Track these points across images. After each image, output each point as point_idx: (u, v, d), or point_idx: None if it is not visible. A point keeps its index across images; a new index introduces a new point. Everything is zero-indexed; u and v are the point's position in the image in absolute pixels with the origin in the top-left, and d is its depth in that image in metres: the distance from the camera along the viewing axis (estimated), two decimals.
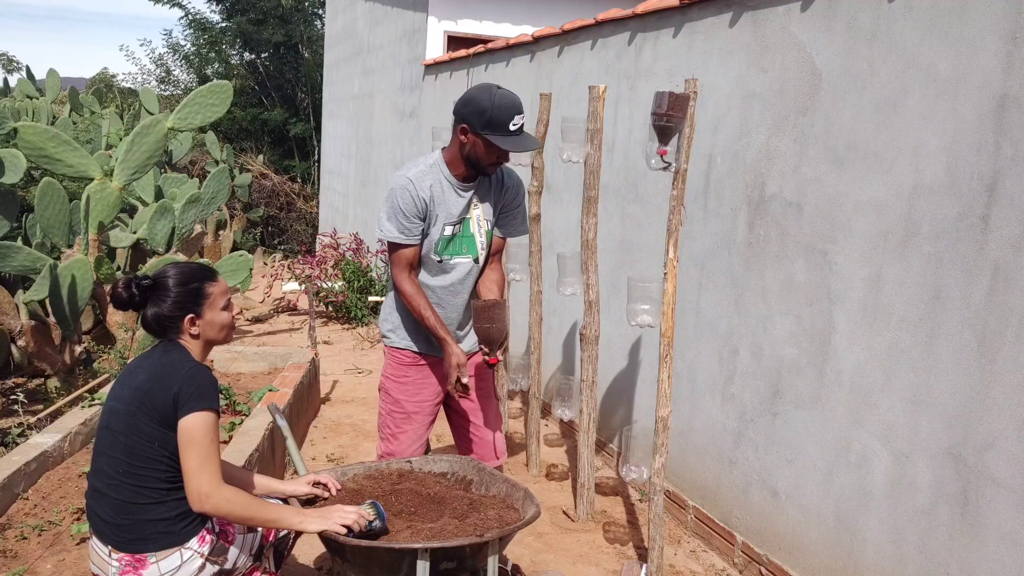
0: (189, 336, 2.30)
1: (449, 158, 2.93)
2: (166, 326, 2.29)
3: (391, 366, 3.15)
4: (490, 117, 2.78)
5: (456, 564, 2.37)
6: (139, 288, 2.27)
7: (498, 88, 2.84)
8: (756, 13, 3.43)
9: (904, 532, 2.73)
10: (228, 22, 16.66)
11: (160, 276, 2.30)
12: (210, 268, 2.38)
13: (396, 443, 3.13)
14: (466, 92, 2.90)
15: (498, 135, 2.80)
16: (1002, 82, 2.41)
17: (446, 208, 2.94)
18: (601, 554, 3.58)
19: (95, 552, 2.25)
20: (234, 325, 2.42)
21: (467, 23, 8.02)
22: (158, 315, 2.27)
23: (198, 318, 2.29)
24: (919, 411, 2.68)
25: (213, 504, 2.15)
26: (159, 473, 2.20)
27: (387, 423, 3.16)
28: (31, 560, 3.05)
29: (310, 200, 14.55)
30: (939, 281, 2.60)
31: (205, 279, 2.32)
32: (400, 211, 2.88)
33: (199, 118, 6.14)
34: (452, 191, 2.94)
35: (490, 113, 2.77)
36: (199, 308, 2.29)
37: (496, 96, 2.80)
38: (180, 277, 2.29)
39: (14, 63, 21.68)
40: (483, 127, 2.79)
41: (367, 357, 6.92)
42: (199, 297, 2.29)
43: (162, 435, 2.18)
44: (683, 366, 3.86)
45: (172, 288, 2.27)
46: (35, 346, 5.45)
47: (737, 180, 3.55)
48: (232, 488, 2.22)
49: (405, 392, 3.11)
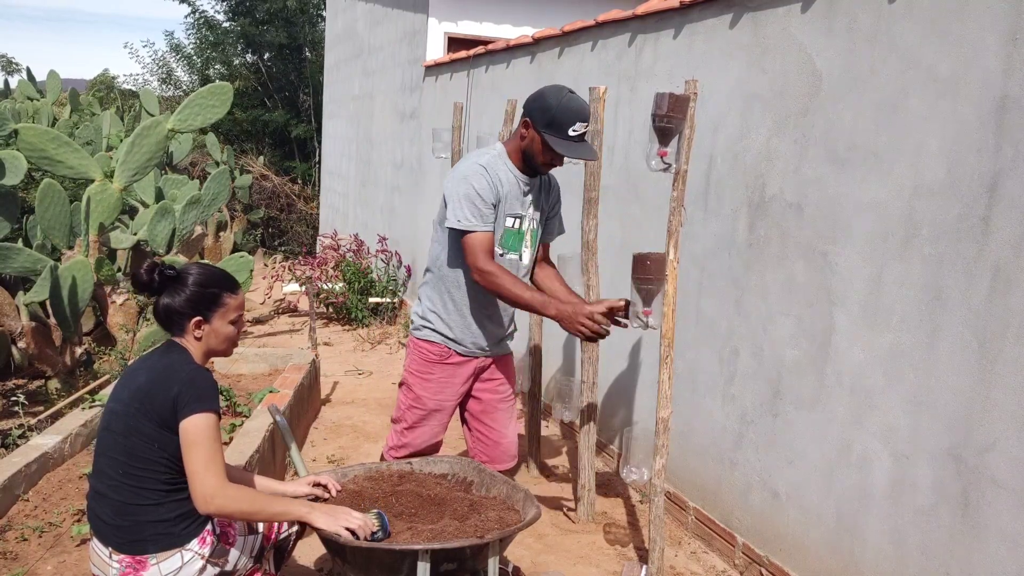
0: (192, 338, 2.29)
1: (510, 150, 2.95)
2: (173, 320, 2.28)
3: (416, 361, 3.08)
4: (552, 117, 2.78)
5: (457, 565, 2.36)
6: (161, 275, 2.27)
7: (570, 92, 2.84)
8: (756, 14, 3.43)
9: (905, 533, 2.72)
10: (232, 22, 16.67)
11: (185, 271, 2.30)
12: (234, 280, 2.37)
13: (411, 435, 3.09)
14: (540, 89, 2.91)
15: (556, 137, 2.80)
16: (1002, 83, 2.41)
17: (510, 199, 2.94)
18: (602, 555, 3.58)
19: (96, 553, 2.25)
20: (237, 341, 2.41)
21: (467, 24, 8.02)
22: (169, 306, 2.27)
23: (205, 322, 2.28)
24: (920, 412, 2.68)
25: (219, 504, 2.14)
26: (159, 475, 2.19)
27: (405, 416, 3.11)
28: (31, 562, 3.05)
29: (310, 201, 14.56)
30: (940, 282, 2.60)
31: (225, 288, 2.31)
32: (477, 195, 2.81)
33: (199, 119, 6.14)
34: (516, 184, 2.95)
35: (553, 113, 2.78)
36: (209, 313, 2.28)
37: (564, 98, 2.80)
38: (202, 277, 2.29)
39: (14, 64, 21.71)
40: (544, 125, 2.79)
41: (368, 358, 6.92)
42: (213, 303, 2.28)
43: (161, 437, 2.17)
44: (683, 367, 3.86)
45: (191, 285, 2.26)
46: (36, 347, 5.45)
47: (737, 181, 3.54)
48: (236, 486, 2.21)
49: (428, 389, 3.06)
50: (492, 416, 3.17)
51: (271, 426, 3.91)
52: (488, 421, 3.17)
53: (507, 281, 2.80)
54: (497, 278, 2.79)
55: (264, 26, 15.98)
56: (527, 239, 3.04)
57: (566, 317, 2.78)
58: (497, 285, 2.80)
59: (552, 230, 3.20)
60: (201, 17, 17.02)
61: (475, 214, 2.81)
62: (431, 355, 3.05)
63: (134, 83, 19.94)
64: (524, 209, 2.99)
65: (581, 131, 2.81)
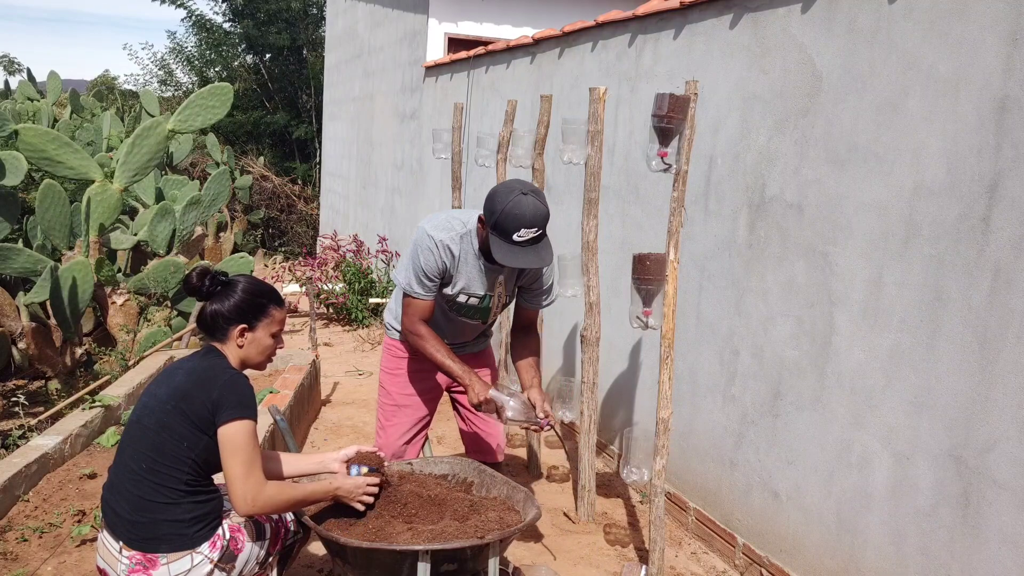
0: (235, 345, 2.34)
1: (480, 233, 2.87)
2: (218, 326, 2.33)
3: (387, 358, 3.21)
4: (496, 221, 2.69)
5: (457, 566, 2.37)
6: (213, 280, 2.34)
7: (524, 194, 2.69)
8: (757, 15, 3.44)
9: (905, 534, 2.72)
10: (234, 23, 16.67)
11: (235, 279, 2.37)
12: (280, 296, 2.46)
13: (384, 435, 3.19)
14: (498, 185, 2.82)
15: (500, 240, 2.70)
16: (1003, 83, 2.41)
17: (466, 279, 2.91)
18: (602, 556, 3.58)
19: (104, 547, 2.26)
20: (273, 357, 2.48)
21: (467, 25, 8.02)
22: (217, 312, 2.32)
23: (249, 330, 2.34)
24: (920, 413, 2.68)
25: (260, 506, 2.23)
26: (181, 473, 2.22)
27: (379, 415, 3.24)
28: (32, 562, 3.05)
29: (311, 202, 14.56)
30: (940, 282, 2.60)
31: (273, 300, 2.40)
32: (422, 270, 2.86)
33: (200, 120, 6.15)
34: (477, 264, 2.90)
35: (497, 217, 2.68)
36: (256, 322, 2.35)
37: (511, 202, 2.66)
38: (252, 287, 2.37)
39: (15, 65, 21.72)
40: (491, 226, 2.72)
41: (368, 359, 6.92)
42: (260, 312, 2.36)
43: (192, 436, 2.21)
44: (684, 368, 3.86)
45: (240, 292, 2.34)
46: (36, 348, 5.45)
47: (738, 182, 3.54)
48: (273, 484, 2.29)
49: (396, 384, 3.18)
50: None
51: (271, 427, 3.91)
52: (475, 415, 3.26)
53: (430, 345, 2.92)
54: (423, 340, 2.93)
55: (266, 27, 15.98)
56: (493, 312, 3.05)
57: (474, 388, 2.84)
58: (421, 347, 2.94)
59: (530, 302, 3.09)
60: (198, 20, 17.02)
61: (418, 284, 2.89)
62: (399, 352, 3.17)
63: (135, 84, 19.97)
64: (488, 290, 2.96)
65: (528, 237, 2.67)
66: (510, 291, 3.03)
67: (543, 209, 2.70)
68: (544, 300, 3.11)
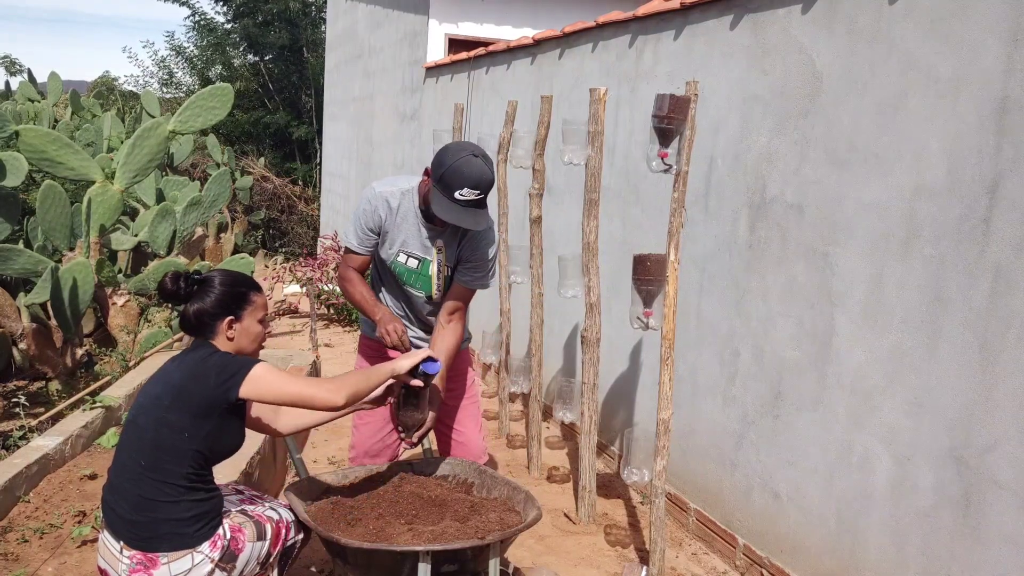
0: (224, 339, 2.35)
1: (420, 189, 2.89)
2: (205, 323, 2.34)
3: (359, 357, 3.27)
4: (443, 175, 2.70)
5: (457, 567, 2.37)
6: (187, 282, 2.35)
7: (475, 155, 2.71)
8: (757, 15, 3.44)
9: (906, 534, 2.72)
10: (234, 23, 16.67)
11: (209, 275, 2.39)
12: (255, 281, 2.48)
13: (356, 434, 3.19)
14: (450, 143, 2.86)
15: (441, 194, 2.70)
16: (1003, 84, 2.41)
17: (404, 235, 2.92)
18: (602, 556, 3.58)
19: (105, 547, 2.26)
20: (264, 342, 2.50)
21: (468, 26, 8.02)
22: (200, 310, 2.33)
23: (237, 321, 2.36)
24: (921, 413, 2.68)
25: (344, 395, 2.31)
26: (182, 468, 2.22)
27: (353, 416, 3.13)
28: (32, 563, 3.05)
29: (311, 203, 14.55)
30: (940, 283, 2.60)
31: (251, 287, 2.41)
32: (358, 220, 2.94)
33: (200, 121, 6.15)
34: (416, 223, 2.91)
35: (444, 171, 2.70)
36: (240, 312, 2.36)
37: (461, 160, 2.68)
38: (228, 278, 2.38)
39: (16, 65, 21.73)
40: (436, 179, 2.73)
41: None
42: (243, 301, 2.37)
43: (194, 426, 2.22)
44: (684, 368, 3.86)
45: (219, 286, 2.35)
46: (36, 349, 5.45)
47: (738, 182, 3.54)
48: (338, 377, 2.40)
49: None
50: (453, 416, 3.17)
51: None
52: (448, 421, 3.16)
53: (356, 290, 2.99)
54: (350, 284, 3.00)
55: (266, 27, 15.98)
56: (435, 282, 2.96)
57: (384, 320, 2.92)
58: (348, 292, 3.03)
59: (465, 278, 2.96)
60: (201, 19, 17.03)
61: (355, 235, 2.97)
62: (369, 349, 3.19)
63: (136, 84, 19.97)
64: (426, 253, 2.94)
65: (469, 197, 2.67)
66: (450, 259, 2.96)
67: (488, 175, 2.73)
68: (479, 277, 2.99)
